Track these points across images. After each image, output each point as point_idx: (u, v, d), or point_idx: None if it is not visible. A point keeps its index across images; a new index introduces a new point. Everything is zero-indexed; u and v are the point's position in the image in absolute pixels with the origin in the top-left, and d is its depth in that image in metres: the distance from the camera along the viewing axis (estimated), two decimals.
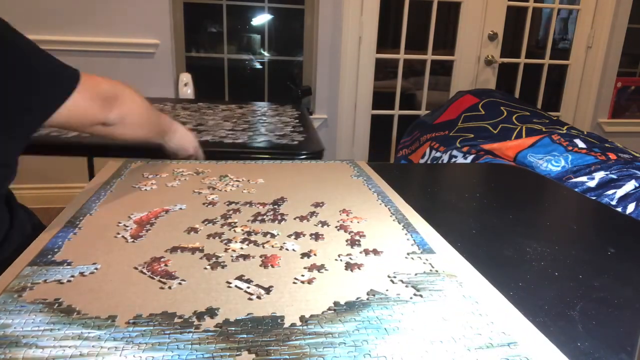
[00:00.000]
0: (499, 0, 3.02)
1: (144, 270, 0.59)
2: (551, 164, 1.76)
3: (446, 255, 0.66)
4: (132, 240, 0.68)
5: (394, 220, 0.79)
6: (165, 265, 0.61)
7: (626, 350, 0.50)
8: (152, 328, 0.48)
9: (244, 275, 0.59)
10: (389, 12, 3.07)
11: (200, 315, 0.50)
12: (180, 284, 0.57)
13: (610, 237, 0.85)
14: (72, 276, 0.57)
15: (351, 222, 0.77)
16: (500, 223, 0.87)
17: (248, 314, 0.51)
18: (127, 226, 0.72)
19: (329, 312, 0.52)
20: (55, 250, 0.63)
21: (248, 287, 0.56)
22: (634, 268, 0.71)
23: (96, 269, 0.59)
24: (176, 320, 0.49)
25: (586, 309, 0.58)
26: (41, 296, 0.52)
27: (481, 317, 0.52)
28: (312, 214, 0.80)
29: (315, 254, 0.65)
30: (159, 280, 0.57)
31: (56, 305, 0.51)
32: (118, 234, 0.70)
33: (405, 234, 0.73)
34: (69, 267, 0.59)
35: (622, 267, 0.71)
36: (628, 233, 0.88)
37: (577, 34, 3.20)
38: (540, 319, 0.55)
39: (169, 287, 0.56)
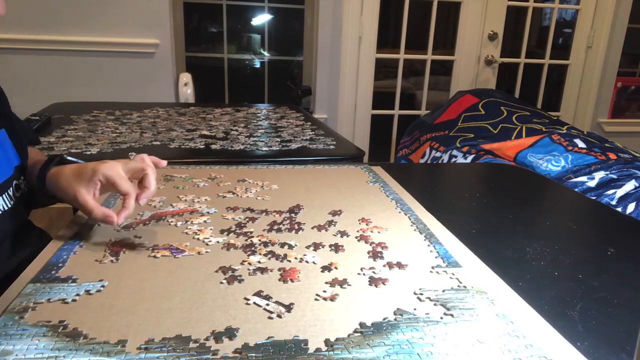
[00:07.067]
0: (499, 0, 3.02)
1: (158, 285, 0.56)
2: (551, 164, 1.76)
3: (473, 269, 0.63)
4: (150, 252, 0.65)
5: (415, 230, 0.76)
6: None
7: (626, 350, 0.50)
8: (165, 354, 0.44)
9: (262, 291, 0.56)
10: (389, 12, 3.06)
11: (218, 337, 0.47)
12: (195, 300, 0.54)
13: (610, 237, 0.85)
14: (78, 295, 0.54)
15: (371, 232, 0.74)
16: (500, 223, 0.87)
17: (269, 338, 0.47)
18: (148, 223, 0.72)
19: (356, 334, 0.48)
20: (60, 265, 0.60)
21: (267, 305, 0.53)
22: (634, 268, 0.71)
23: (103, 286, 0.55)
24: (191, 345, 0.45)
25: (586, 309, 0.58)
26: (44, 318, 0.49)
27: (518, 338, 0.49)
28: (330, 222, 0.77)
29: (336, 267, 0.62)
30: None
31: (61, 328, 0.47)
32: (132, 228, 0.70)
33: (428, 245, 0.70)
34: (74, 284, 0.56)
35: (622, 267, 0.71)
36: (628, 233, 0.87)
37: (577, 34, 3.20)
38: None
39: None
